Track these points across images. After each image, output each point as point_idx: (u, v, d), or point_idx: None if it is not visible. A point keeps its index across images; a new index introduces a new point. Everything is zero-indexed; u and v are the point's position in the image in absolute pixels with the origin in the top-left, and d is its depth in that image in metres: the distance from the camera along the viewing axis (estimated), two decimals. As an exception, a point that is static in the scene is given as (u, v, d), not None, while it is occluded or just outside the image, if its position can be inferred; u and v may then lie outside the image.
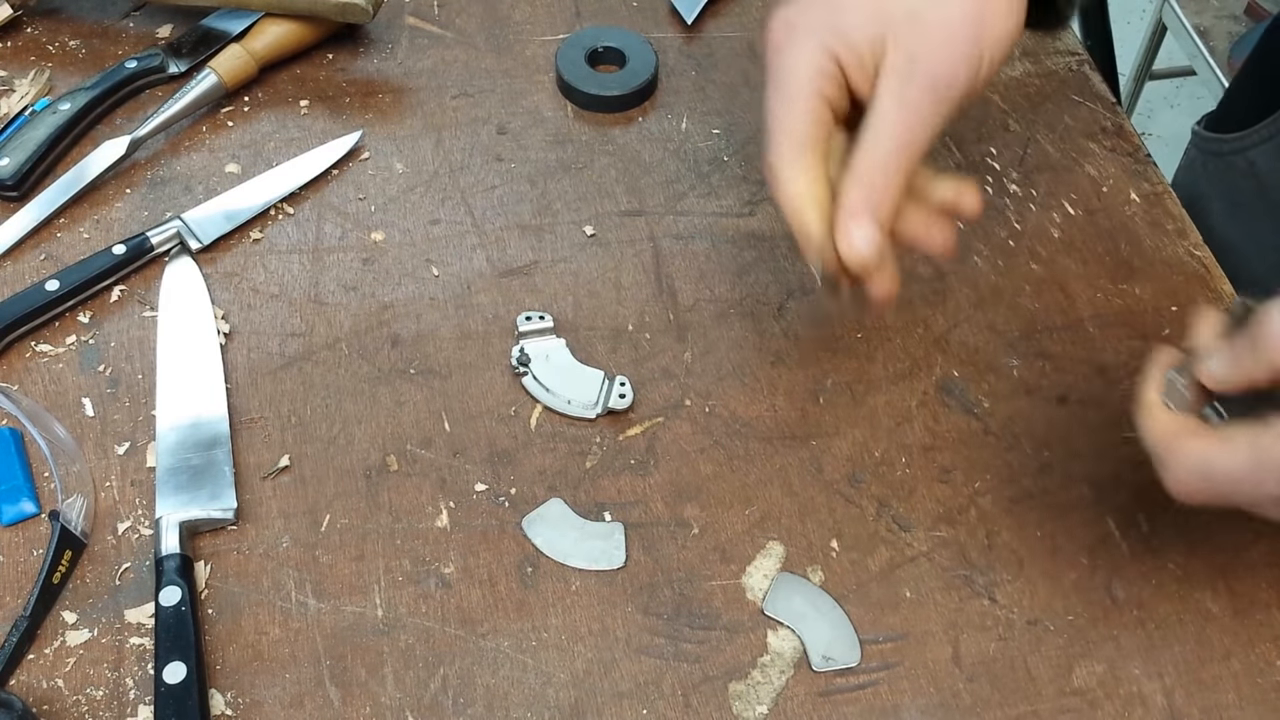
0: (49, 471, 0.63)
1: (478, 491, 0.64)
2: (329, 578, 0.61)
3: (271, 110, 0.80)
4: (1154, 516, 0.64)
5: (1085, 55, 0.86)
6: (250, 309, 0.71)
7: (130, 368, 0.68)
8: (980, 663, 0.60)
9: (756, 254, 0.74)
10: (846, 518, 0.64)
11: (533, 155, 0.79)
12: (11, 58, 0.82)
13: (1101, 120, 0.82)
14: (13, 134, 0.76)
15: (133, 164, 0.77)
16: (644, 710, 0.58)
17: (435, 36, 0.85)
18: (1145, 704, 0.59)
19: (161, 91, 0.81)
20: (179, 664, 0.56)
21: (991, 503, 0.65)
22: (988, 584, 0.62)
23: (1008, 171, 0.79)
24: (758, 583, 0.62)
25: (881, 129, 0.52)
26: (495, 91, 0.82)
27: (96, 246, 0.72)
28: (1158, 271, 0.74)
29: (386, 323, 0.71)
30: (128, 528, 0.62)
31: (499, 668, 0.59)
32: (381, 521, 0.63)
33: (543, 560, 0.62)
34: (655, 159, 0.79)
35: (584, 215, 0.76)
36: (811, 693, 0.59)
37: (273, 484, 0.64)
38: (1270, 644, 0.61)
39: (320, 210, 0.76)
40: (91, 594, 0.60)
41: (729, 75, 0.84)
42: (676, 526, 0.63)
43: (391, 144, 0.79)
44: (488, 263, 0.74)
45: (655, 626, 0.60)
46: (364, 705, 0.58)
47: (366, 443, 0.66)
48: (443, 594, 0.61)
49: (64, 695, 0.57)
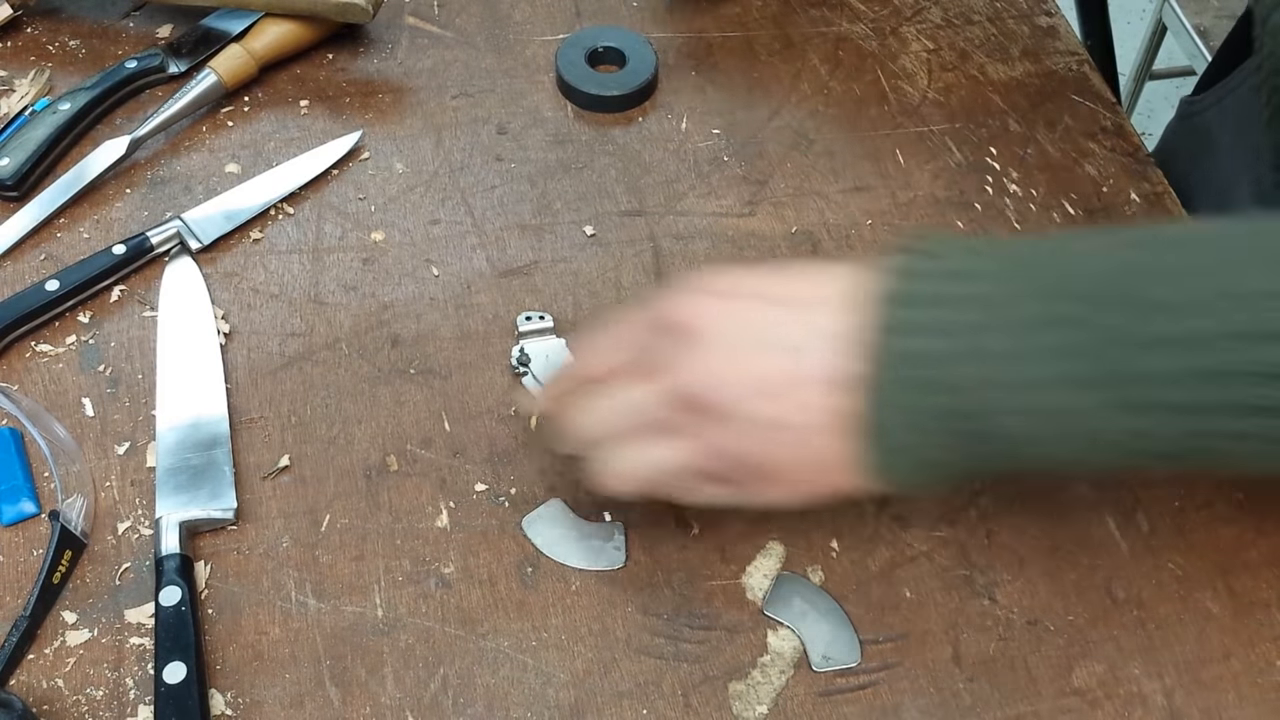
0: (49, 471, 0.63)
1: (478, 491, 0.64)
2: (329, 578, 0.61)
3: (271, 110, 0.80)
4: (1154, 516, 0.64)
5: (1085, 55, 0.86)
6: (250, 309, 0.71)
7: (130, 368, 0.68)
8: (980, 663, 0.60)
9: (756, 254, 0.74)
10: (846, 518, 0.64)
11: (533, 155, 0.79)
12: (11, 58, 0.82)
13: (1101, 120, 0.82)
14: (13, 134, 0.76)
15: (133, 164, 0.77)
16: (644, 710, 0.58)
17: (435, 36, 0.85)
18: (1145, 704, 0.59)
19: (161, 91, 0.81)
20: (179, 664, 0.56)
21: (991, 503, 0.65)
22: (988, 584, 0.62)
23: (1008, 171, 0.79)
24: (758, 583, 0.62)
25: None
26: (495, 91, 0.82)
27: (96, 246, 0.72)
28: (1158, 271, 0.74)
29: (386, 323, 0.71)
30: (128, 528, 0.62)
31: (499, 668, 0.59)
32: (381, 521, 0.63)
33: (543, 560, 0.62)
34: (655, 159, 0.79)
35: (584, 215, 0.76)
36: (811, 693, 0.59)
37: (273, 484, 0.64)
38: (1270, 644, 0.61)
39: (320, 210, 0.76)
40: (91, 594, 0.60)
41: (729, 75, 0.84)
42: (676, 526, 0.63)
43: (391, 144, 0.79)
44: (488, 263, 0.74)
45: (655, 626, 0.60)
46: (364, 705, 0.58)
47: (366, 443, 0.66)
48: (443, 594, 0.61)
49: (64, 695, 0.57)
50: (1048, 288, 0.49)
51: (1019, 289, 0.49)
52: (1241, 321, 0.46)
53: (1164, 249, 0.50)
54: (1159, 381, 0.47)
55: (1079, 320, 0.48)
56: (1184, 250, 0.49)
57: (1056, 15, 0.89)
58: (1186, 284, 0.47)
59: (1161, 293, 0.47)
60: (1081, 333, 0.48)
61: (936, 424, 0.50)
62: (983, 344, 0.49)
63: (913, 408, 0.50)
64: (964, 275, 0.50)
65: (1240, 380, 0.46)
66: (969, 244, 0.52)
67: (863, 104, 0.83)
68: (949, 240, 0.52)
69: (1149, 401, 0.47)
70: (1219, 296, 0.46)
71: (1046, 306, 0.49)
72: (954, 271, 0.51)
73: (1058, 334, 0.48)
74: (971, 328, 0.49)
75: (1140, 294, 0.48)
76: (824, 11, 0.88)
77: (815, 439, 0.52)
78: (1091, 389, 0.48)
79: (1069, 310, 0.48)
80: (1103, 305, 0.48)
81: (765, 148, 0.80)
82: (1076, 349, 0.48)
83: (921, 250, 0.52)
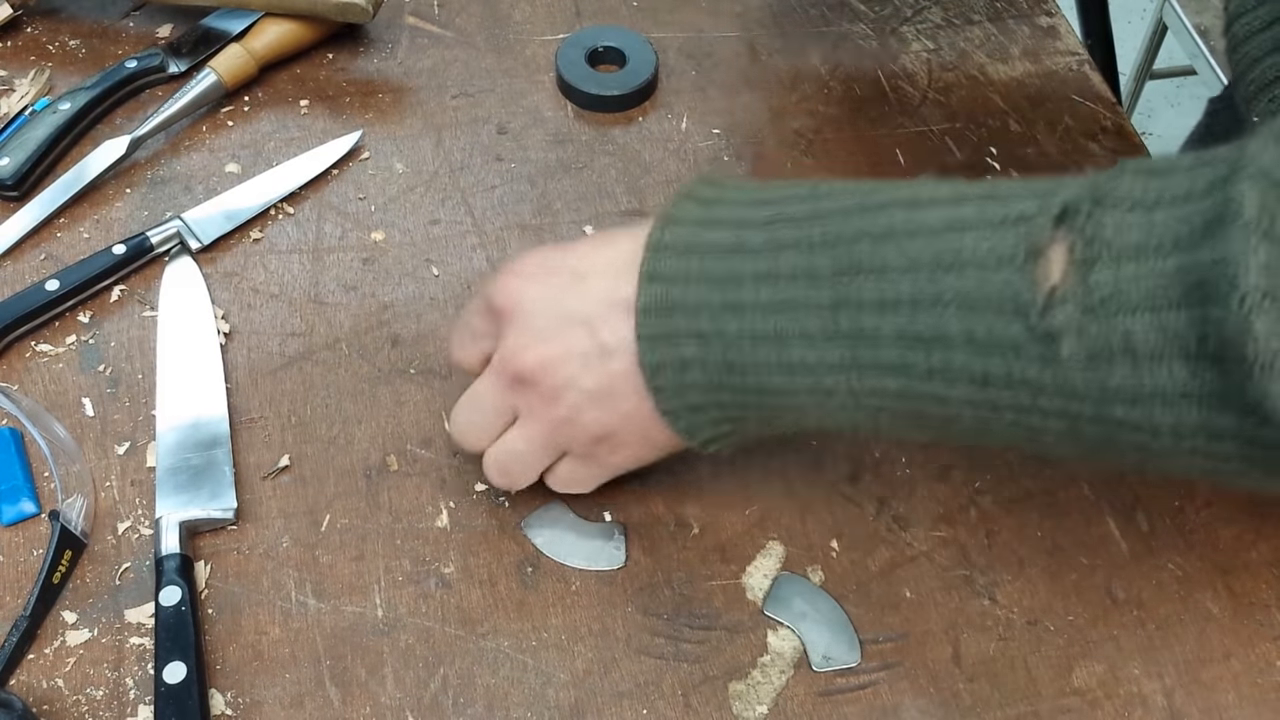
0: (49, 471, 0.63)
1: (478, 491, 0.64)
2: (329, 578, 0.61)
3: (271, 110, 0.80)
4: (1154, 516, 0.64)
5: (1085, 55, 0.86)
6: (250, 309, 0.71)
7: (130, 368, 0.68)
8: (980, 663, 0.60)
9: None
10: (846, 517, 0.64)
11: (533, 155, 0.79)
12: (11, 58, 0.82)
13: (1101, 120, 0.82)
14: (13, 134, 0.76)
15: (133, 164, 0.77)
16: (644, 710, 0.58)
17: (435, 36, 0.85)
18: (1145, 704, 0.59)
19: (161, 91, 0.81)
20: (179, 664, 0.56)
21: (991, 503, 0.65)
22: (988, 584, 0.62)
23: (1008, 171, 0.79)
24: (758, 583, 0.62)
25: None
26: (495, 91, 0.82)
27: (96, 246, 0.72)
28: (1158, 271, 0.74)
29: (386, 323, 0.71)
30: (128, 528, 0.62)
31: (499, 668, 0.59)
32: (381, 521, 0.63)
33: (543, 560, 0.62)
34: (655, 159, 0.79)
35: (584, 215, 0.76)
36: (811, 693, 0.59)
37: (273, 484, 0.64)
38: (1270, 644, 0.61)
39: (320, 210, 0.76)
40: (91, 594, 0.60)
41: (729, 75, 0.84)
42: (676, 526, 0.63)
43: (391, 144, 0.79)
44: (488, 263, 0.74)
45: (655, 626, 0.60)
46: (364, 705, 0.58)
47: (366, 443, 0.66)
48: (443, 594, 0.61)
49: (64, 695, 0.57)
50: (792, 239, 0.50)
51: (766, 239, 0.50)
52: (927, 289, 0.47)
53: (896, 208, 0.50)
54: (880, 342, 0.48)
55: (815, 275, 0.49)
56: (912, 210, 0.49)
57: (1056, 15, 0.89)
58: (908, 245, 0.48)
59: (887, 254, 0.48)
60: (818, 290, 0.49)
61: (701, 376, 0.52)
62: (726, 295, 0.50)
63: (673, 360, 0.52)
64: (714, 222, 0.52)
65: (904, 343, 0.47)
66: (729, 186, 0.54)
67: (863, 104, 0.83)
68: (715, 182, 0.53)
69: (872, 361, 0.48)
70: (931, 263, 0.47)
71: (786, 260, 0.50)
72: (707, 219, 0.52)
73: (794, 289, 0.49)
74: (716, 277, 0.50)
75: (871, 255, 0.48)
76: (824, 11, 0.88)
77: (625, 403, 0.54)
78: (825, 344, 0.49)
79: (808, 263, 0.49)
80: (839, 264, 0.48)
81: (765, 148, 0.80)
82: (813, 302, 0.49)
83: (687, 194, 0.53)
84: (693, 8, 0.87)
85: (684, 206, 0.54)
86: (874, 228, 0.49)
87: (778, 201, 0.52)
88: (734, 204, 0.53)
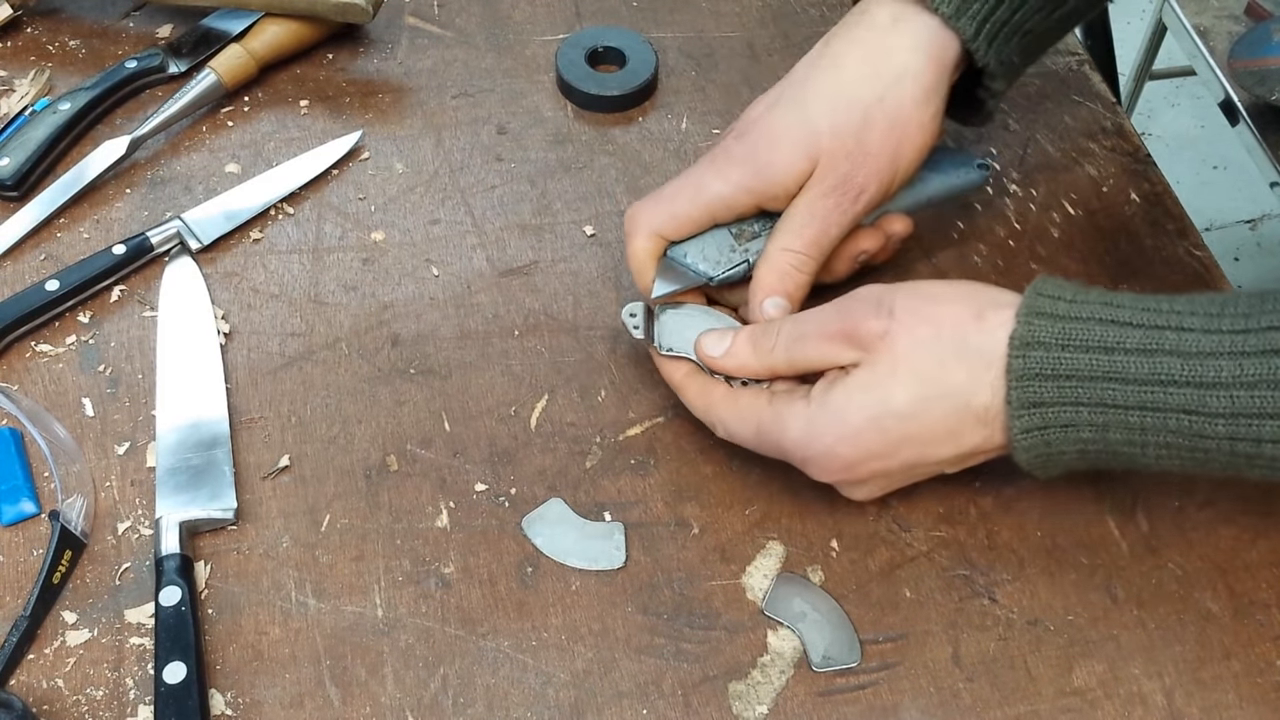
0: (49, 471, 0.63)
1: (478, 491, 0.64)
2: (329, 578, 0.61)
3: (271, 110, 0.80)
4: (1154, 516, 0.64)
5: (1085, 55, 0.86)
6: (250, 309, 0.71)
7: (130, 368, 0.68)
8: (980, 663, 0.60)
9: (756, 254, 0.74)
10: (846, 518, 0.64)
11: (533, 155, 0.79)
12: (11, 58, 0.82)
13: (1101, 120, 0.82)
14: (13, 134, 0.76)
15: (133, 164, 0.77)
16: (644, 710, 0.58)
17: (435, 36, 0.85)
18: (1145, 704, 0.59)
19: (161, 91, 0.81)
20: (179, 664, 0.56)
21: (991, 503, 0.65)
22: (988, 584, 0.62)
23: (1008, 171, 0.79)
24: (758, 583, 0.62)
25: (793, 226, 0.64)
26: (495, 91, 0.82)
27: (96, 246, 0.72)
28: (1157, 271, 0.74)
29: (386, 323, 0.71)
30: (128, 528, 0.62)
31: (499, 668, 0.59)
32: (381, 521, 0.63)
33: (543, 560, 0.62)
34: (655, 159, 0.79)
35: (584, 215, 0.76)
36: (811, 693, 0.59)
37: (273, 484, 0.64)
38: (1270, 644, 0.61)
39: (320, 210, 0.76)
40: (91, 594, 0.60)
41: (729, 75, 0.84)
42: (676, 526, 0.63)
43: (391, 144, 0.79)
44: (488, 263, 0.74)
45: (655, 626, 0.60)
46: (364, 705, 0.58)
47: (366, 443, 0.66)
48: (443, 594, 0.61)
49: (64, 695, 0.57)
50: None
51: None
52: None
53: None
54: None
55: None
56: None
57: (1056, 15, 0.89)
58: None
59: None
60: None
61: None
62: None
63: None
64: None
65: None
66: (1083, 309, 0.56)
67: (863, 104, 0.83)
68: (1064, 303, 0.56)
69: None
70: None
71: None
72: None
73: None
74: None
75: None
76: (824, 11, 0.88)
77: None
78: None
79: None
80: None
81: (765, 148, 0.80)
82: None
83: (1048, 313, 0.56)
84: (693, 8, 0.88)
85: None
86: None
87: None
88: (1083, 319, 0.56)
